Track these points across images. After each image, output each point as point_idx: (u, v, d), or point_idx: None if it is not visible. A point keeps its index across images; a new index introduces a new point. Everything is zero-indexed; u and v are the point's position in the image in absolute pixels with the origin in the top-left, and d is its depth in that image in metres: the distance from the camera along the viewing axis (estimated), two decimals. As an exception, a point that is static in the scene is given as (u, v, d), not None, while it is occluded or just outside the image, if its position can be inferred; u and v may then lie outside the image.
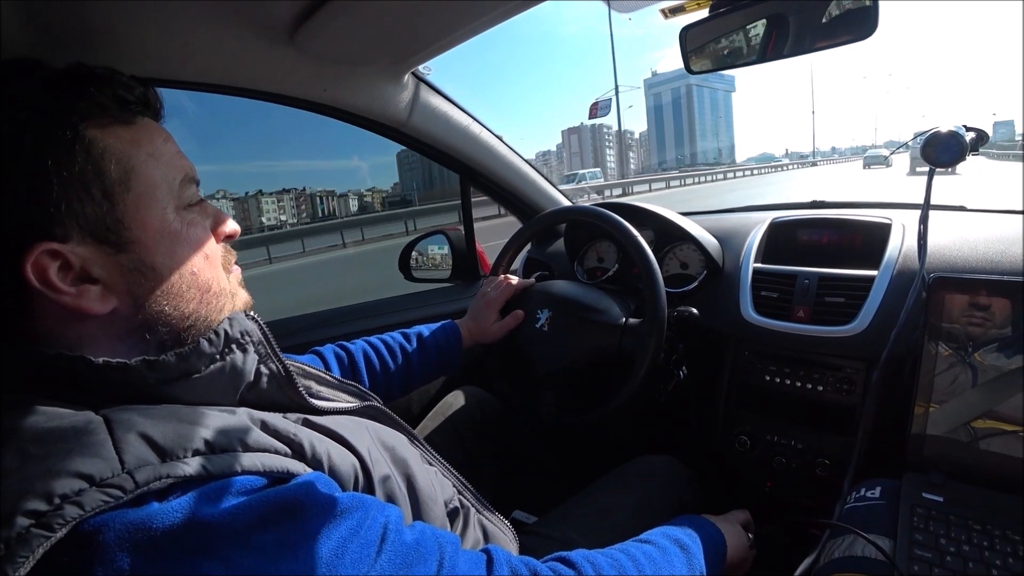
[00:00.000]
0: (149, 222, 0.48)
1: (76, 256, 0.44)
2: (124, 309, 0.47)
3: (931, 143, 0.84)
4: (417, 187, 56.33)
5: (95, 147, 0.45)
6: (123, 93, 0.48)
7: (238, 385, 0.51)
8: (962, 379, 0.75)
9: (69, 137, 0.44)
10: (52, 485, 0.34)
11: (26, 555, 0.32)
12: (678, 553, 0.67)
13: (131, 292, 0.47)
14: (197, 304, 0.51)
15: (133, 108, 0.49)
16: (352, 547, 0.41)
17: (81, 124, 0.45)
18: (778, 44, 0.85)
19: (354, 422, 0.59)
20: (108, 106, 0.47)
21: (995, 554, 0.62)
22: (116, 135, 0.47)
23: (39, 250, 0.43)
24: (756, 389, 1.10)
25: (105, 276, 0.46)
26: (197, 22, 0.79)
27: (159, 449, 0.38)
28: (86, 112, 0.45)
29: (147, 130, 0.50)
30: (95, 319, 0.46)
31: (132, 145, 0.48)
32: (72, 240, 0.44)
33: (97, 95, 0.47)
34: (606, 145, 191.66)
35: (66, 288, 0.44)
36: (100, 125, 0.46)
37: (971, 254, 0.93)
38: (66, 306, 0.44)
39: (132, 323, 0.48)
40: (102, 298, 0.46)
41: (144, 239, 0.48)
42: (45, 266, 0.43)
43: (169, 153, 0.51)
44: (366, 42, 0.91)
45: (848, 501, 0.77)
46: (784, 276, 1.06)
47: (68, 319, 0.45)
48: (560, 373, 1.03)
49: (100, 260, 0.46)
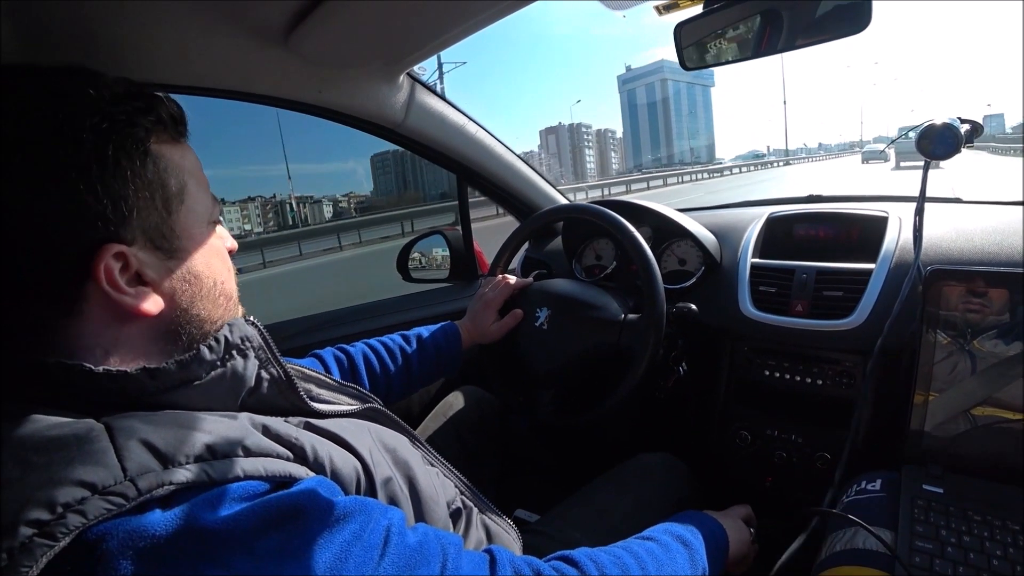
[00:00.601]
0: (194, 233, 0.51)
1: (136, 259, 0.46)
2: (167, 312, 0.49)
3: (926, 135, 0.84)
4: (392, 191, 55.43)
5: (161, 160, 0.49)
6: (175, 113, 0.52)
7: (239, 391, 0.51)
8: (961, 367, 0.75)
9: (141, 149, 0.47)
10: (54, 494, 0.34)
11: (30, 565, 0.32)
12: (681, 549, 0.67)
13: (175, 296, 0.49)
14: (223, 310, 0.54)
15: (180, 128, 0.53)
16: (355, 551, 0.42)
17: (149, 139, 0.48)
18: (772, 39, 0.85)
19: (355, 425, 0.60)
20: (167, 123, 0.50)
21: (995, 544, 0.63)
22: (171, 151, 0.51)
23: (110, 252, 0.44)
24: (755, 384, 1.10)
25: (157, 279, 0.48)
26: (191, 26, 0.79)
27: (161, 456, 0.39)
28: (150, 128, 0.48)
29: (187, 149, 0.54)
30: (137, 321, 0.47)
31: (183, 161, 0.52)
32: (136, 244, 0.46)
33: (160, 111, 0.50)
34: (585, 145, 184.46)
35: (127, 289, 0.45)
36: (159, 141, 0.49)
37: (967, 246, 0.93)
38: (123, 307, 0.45)
39: (170, 326, 0.49)
40: (153, 300, 0.47)
41: (189, 248, 0.51)
42: (112, 267, 0.44)
43: (201, 171, 0.55)
44: (360, 43, 0.91)
45: (849, 494, 0.77)
46: (782, 271, 1.06)
47: (113, 320, 0.46)
48: (560, 371, 1.03)
49: (154, 264, 0.48)
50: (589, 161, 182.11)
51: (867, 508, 0.73)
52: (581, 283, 1.13)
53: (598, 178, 46.37)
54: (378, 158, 60.50)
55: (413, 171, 55.61)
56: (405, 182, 55.48)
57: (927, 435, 0.77)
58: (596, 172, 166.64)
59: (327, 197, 37.41)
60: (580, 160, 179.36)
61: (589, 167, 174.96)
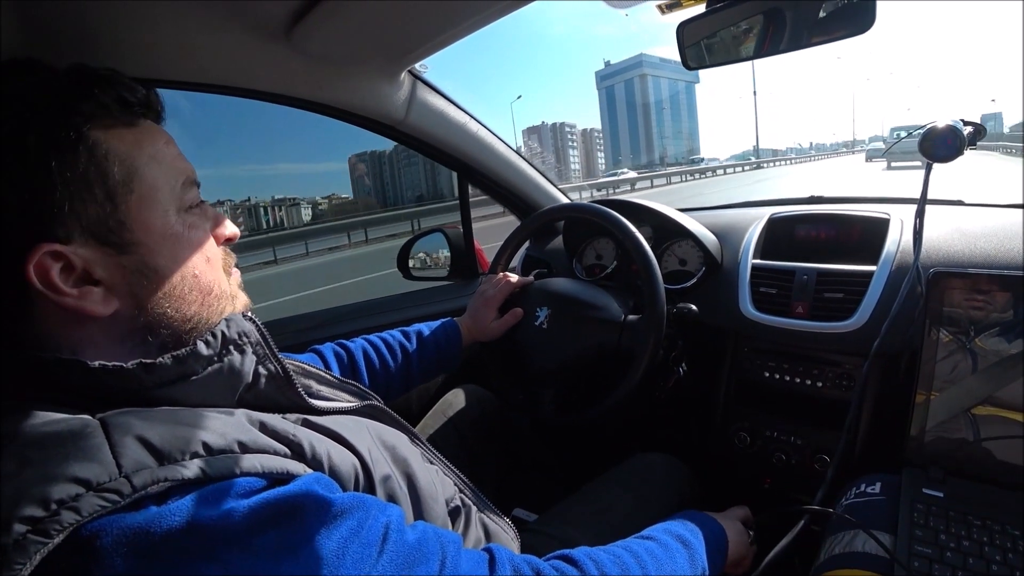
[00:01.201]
0: (151, 224, 0.48)
1: (78, 257, 0.44)
2: (126, 311, 0.47)
3: (928, 137, 0.84)
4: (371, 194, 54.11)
5: (98, 148, 0.45)
6: (126, 95, 0.48)
7: (236, 386, 0.51)
8: (962, 368, 0.75)
9: (73, 138, 0.44)
10: (49, 490, 0.34)
11: (23, 562, 0.32)
12: (680, 549, 0.67)
13: (133, 294, 0.47)
14: (199, 307, 0.51)
15: (136, 110, 0.49)
16: (353, 547, 0.41)
17: (85, 125, 0.45)
18: (775, 39, 0.85)
19: (354, 421, 0.59)
20: (111, 108, 0.47)
21: (995, 549, 0.63)
22: (119, 137, 0.47)
23: (41, 251, 0.42)
24: (755, 385, 1.10)
25: (107, 278, 0.46)
26: (192, 22, 0.79)
27: (157, 452, 0.38)
28: (90, 113, 0.45)
29: (149, 132, 0.50)
30: (96, 321, 0.46)
31: (135, 147, 0.48)
32: (75, 241, 0.44)
33: (100, 96, 0.46)
34: (569, 145, 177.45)
35: (68, 289, 0.44)
36: (103, 127, 0.46)
37: (969, 248, 0.93)
38: (68, 308, 0.44)
39: (134, 325, 0.48)
40: (104, 300, 0.46)
41: (146, 241, 0.48)
42: (47, 267, 0.43)
43: (171, 155, 0.51)
44: (362, 40, 0.91)
45: (848, 496, 0.77)
46: (783, 272, 1.06)
47: (69, 321, 0.45)
48: (560, 370, 1.03)
49: (102, 261, 0.46)
50: (574, 162, 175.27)
51: (866, 511, 0.73)
52: (581, 282, 1.12)
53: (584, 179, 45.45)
54: (356, 159, 59.43)
55: (392, 173, 54.51)
56: (383, 185, 54.31)
57: (928, 437, 0.77)
58: (582, 173, 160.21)
59: (306, 200, 36.06)
60: (564, 161, 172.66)
61: (574, 168, 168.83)
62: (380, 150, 53.24)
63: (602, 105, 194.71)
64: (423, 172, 51.19)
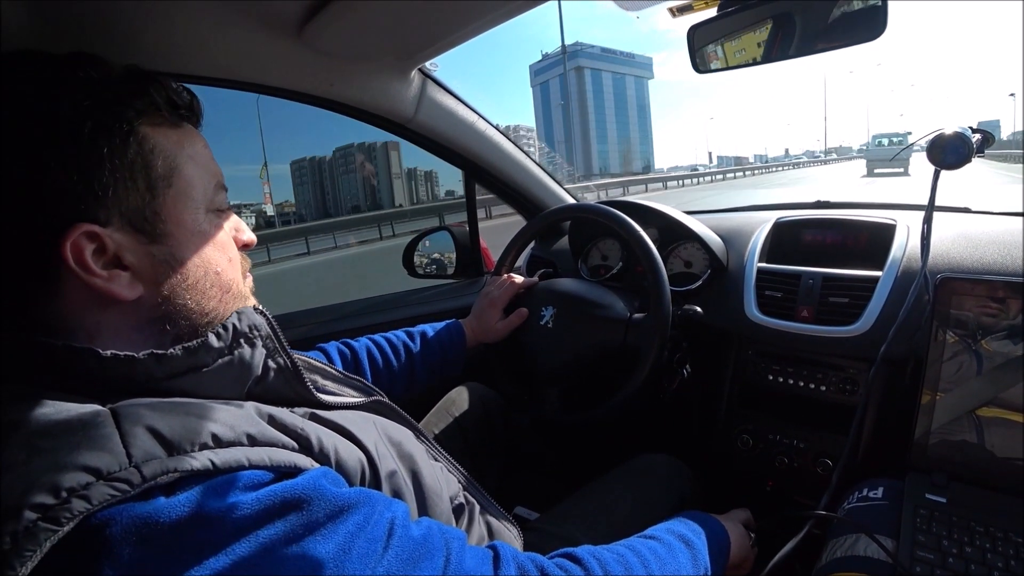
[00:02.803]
0: (184, 219, 0.50)
1: (112, 241, 0.46)
2: (149, 299, 0.48)
3: (937, 144, 0.84)
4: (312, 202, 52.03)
5: (147, 142, 0.48)
6: (174, 98, 0.52)
7: (246, 379, 0.51)
8: (967, 373, 0.75)
9: (125, 129, 0.47)
10: (59, 479, 0.34)
11: (33, 549, 0.33)
12: (683, 549, 0.67)
13: (158, 283, 0.48)
14: (217, 302, 0.52)
15: (181, 112, 0.53)
16: (359, 542, 0.42)
17: (137, 120, 0.48)
18: (784, 44, 0.85)
19: (361, 417, 0.59)
20: (161, 107, 0.50)
21: (997, 556, 0.63)
22: (165, 134, 0.50)
23: (80, 230, 0.44)
24: (759, 388, 1.10)
25: (136, 264, 0.47)
26: (205, 17, 0.79)
27: (166, 443, 0.39)
28: (141, 110, 0.48)
29: (190, 135, 0.54)
30: (118, 306, 0.47)
31: (177, 146, 0.51)
32: (112, 225, 0.46)
33: (153, 96, 0.49)
34: (527, 146, 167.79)
35: (98, 271, 0.45)
36: (152, 123, 0.49)
37: (975, 254, 0.93)
38: (95, 288, 0.45)
39: (154, 314, 0.49)
40: (130, 285, 0.47)
41: (177, 234, 0.50)
42: (82, 247, 0.44)
43: (207, 158, 0.54)
44: (374, 38, 0.91)
45: (850, 500, 0.77)
46: (788, 276, 1.06)
47: (93, 303, 0.46)
48: (564, 370, 1.03)
49: (134, 248, 0.47)
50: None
51: (868, 515, 0.73)
52: (587, 282, 1.13)
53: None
54: (296, 165, 56.81)
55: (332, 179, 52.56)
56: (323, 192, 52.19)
57: (932, 441, 0.77)
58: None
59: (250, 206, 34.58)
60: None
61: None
62: (320, 156, 51.75)
63: (536, 105, 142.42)
64: (360, 180, 49.94)
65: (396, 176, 48.59)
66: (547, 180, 1.49)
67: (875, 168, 23.84)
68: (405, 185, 51.50)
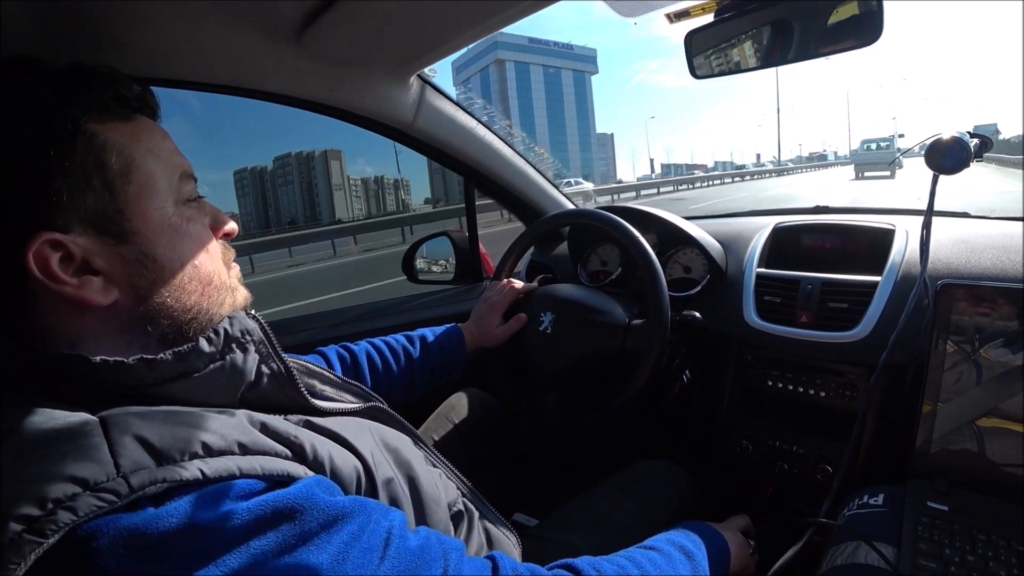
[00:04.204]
0: (149, 214, 0.48)
1: (77, 247, 0.44)
2: (126, 301, 0.47)
3: (935, 149, 0.84)
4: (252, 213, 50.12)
5: (96, 140, 0.46)
6: (122, 91, 0.49)
7: (238, 385, 0.50)
8: (967, 379, 0.75)
9: (70, 129, 0.45)
10: (45, 489, 0.34)
11: (18, 561, 0.32)
12: (683, 560, 0.67)
13: (133, 284, 0.47)
14: (199, 297, 0.51)
15: (132, 105, 0.50)
16: (354, 552, 0.41)
17: (82, 118, 0.46)
18: (783, 49, 0.85)
19: (357, 424, 0.59)
20: (108, 102, 0.48)
21: (1000, 564, 0.62)
22: (116, 129, 0.48)
23: (41, 240, 0.43)
24: (758, 394, 1.10)
25: (107, 267, 0.46)
26: (203, 22, 0.79)
27: (155, 452, 0.38)
28: (87, 107, 0.46)
29: (146, 127, 0.51)
30: (96, 312, 0.46)
31: (132, 140, 0.49)
32: (74, 231, 0.44)
33: (98, 91, 0.48)
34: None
35: (67, 279, 0.44)
36: (100, 120, 0.47)
37: (974, 260, 0.93)
38: (67, 297, 0.44)
39: (133, 316, 0.48)
40: (104, 289, 0.46)
41: (145, 231, 0.48)
42: (47, 256, 0.43)
43: (167, 150, 0.52)
44: (373, 44, 0.91)
45: (850, 507, 0.77)
46: (787, 281, 1.06)
47: (68, 312, 0.45)
48: (563, 375, 1.03)
49: (101, 251, 0.46)
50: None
51: (869, 523, 0.72)
52: (586, 288, 1.13)
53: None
54: (239, 176, 54.28)
55: (273, 191, 50.59)
56: (265, 203, 50.02)
57: (933, 448, 0.77)
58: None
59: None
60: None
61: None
62: (262, 166, 50.01)
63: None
64: (299, 191, 48.32)
65: (337, 187, 46.01)
66: (546, 186, 1.49)
67: (863, 171, 25.62)
68: (353, 197, 49.11)
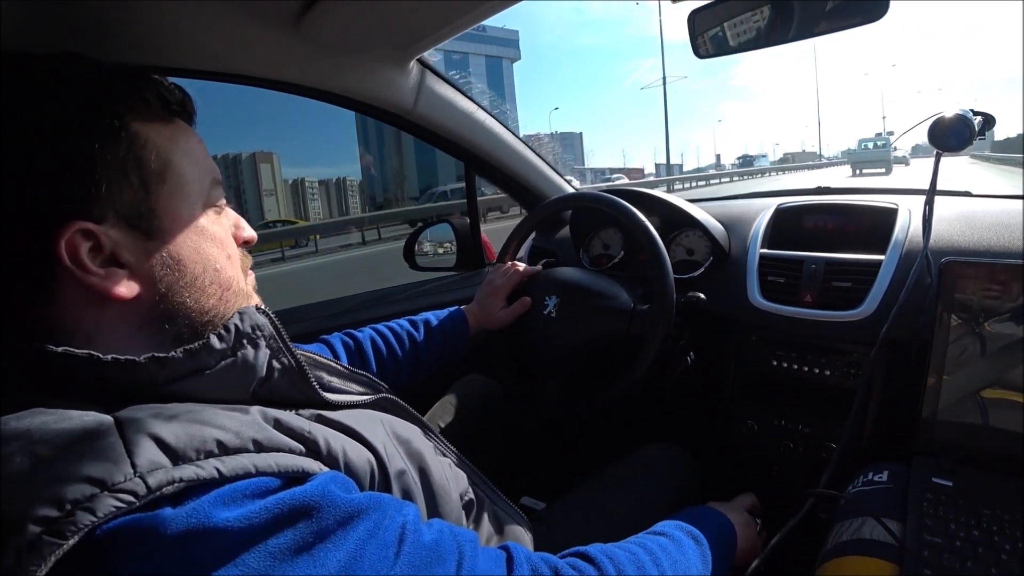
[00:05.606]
0: (180, 215, 0.50)
1: (108, 238, 0.45)
2: (147, 297, 0.47)
3: (938, 127, 0.83)
4: None
5: (138, 138, 0.48)
6: (165, 94, 0.51)
7: (250, 381, 0.50)
8: (971, 354, 0.76)
9: (116, 126, 0.46)
10: (63, 490, 0.34)
11: (38, 563, 0.32)
12: (692, 545, 0.67)
13: (155, 280, 0.48)
14: (217, 300, 0.52)
15: (173, 108, 0.52)
16: (370, 549, 0.41)
17: (127, 116, 0.47)
18: (783, 27, 0.84)
19: (368, 416, 0.59)
20: (152, 103, 0.50)
21: (1004, 539, 0.63)
22: (157, 130, 0.50)
23: (74, 228, 0.43)
24: (763, 374, 1.10)
25: (133, 261, 0.47)
26: (201, 9, 0.78)
27: (171, 452, 0.38)
28: (132, 106, 0.48)
29: (183, 130, 0.53)
30: (116, 305, 0.46)
31: (170, 141, 0.50)
32: (107, 222, 0.45)
33: (143, 91, 0.49)
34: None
35: (95, 268, 0.44)
36: (143, 119, 0.49)
37: (976, 237, 0.93)
38: (92, 287, 0.44)
39: (153, 313, 0.48)
40: (128, 283, 0.46)
41: (173, 230, 0.49)
42: (77, 245, 0.44)
43: (201, 154, 0.54)
44: (371, 29, 0.90)
45: (855, 484, 0.77)
46: (791, 261, 1.06)
47: (89, 304, 0.46)
48: (566, 359, 1.03)
49: (130, 245, 0.46)
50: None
51: (874, 499, 0.73)
52: (590, 272, 1.13)
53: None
54: None
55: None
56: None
57: (938, 425, 0.77)
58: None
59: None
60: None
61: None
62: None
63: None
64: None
65: (268, 193, 43.93)
66: (547, 170, 1.49)
67: (861, 169, 26.62)
68: (286, 202, 46.61)
